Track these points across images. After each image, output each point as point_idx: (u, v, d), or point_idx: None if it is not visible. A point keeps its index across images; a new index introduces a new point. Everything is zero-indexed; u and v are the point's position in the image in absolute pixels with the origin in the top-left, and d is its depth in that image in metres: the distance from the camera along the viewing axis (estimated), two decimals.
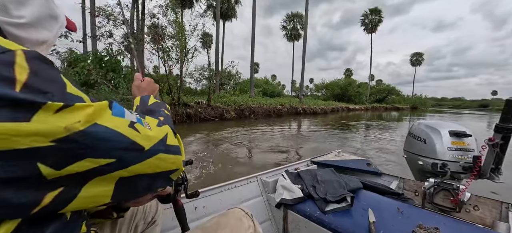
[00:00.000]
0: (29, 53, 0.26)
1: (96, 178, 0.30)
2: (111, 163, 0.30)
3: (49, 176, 0.26)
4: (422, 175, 1.63)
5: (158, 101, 0.58)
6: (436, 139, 1.55)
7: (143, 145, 0.34)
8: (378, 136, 7.65)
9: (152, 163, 0.36)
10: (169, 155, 0.38)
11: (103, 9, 8.56)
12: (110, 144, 0.30)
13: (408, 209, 1.10)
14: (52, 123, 0.25)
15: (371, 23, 37.39)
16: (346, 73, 74.62)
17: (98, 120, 0.29)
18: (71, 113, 0.27)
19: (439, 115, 25.45)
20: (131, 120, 0.34)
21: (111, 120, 0.31)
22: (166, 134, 0.40)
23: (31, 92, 0.24)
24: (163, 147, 0.38)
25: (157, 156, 0.36)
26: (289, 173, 1.44)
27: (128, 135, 0.32)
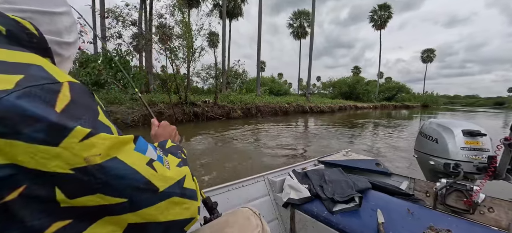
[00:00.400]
0: (74, 85, 0.29)
1: (105, 218, 0.29)
2: (122, 203, 0.29)
3: (62, 203, 0.26)
4: (434, 175, 1.59)
5: (175, 145, 0.57)
6: (449, 138, 1.51)
7: (158, 186, 0.33)
8: (387, 135, 7.50)
9: (164, 208, 0.34)
10: (184, 199, 0.37)
11: (113, 10, 8.75)
12: (124, 182, 0.29)
13: (419, 210, 1.08)
14: (76, 151, 0.26)
15: (380, 19, 36.54)
16: (354, 70, 73.37)
17: (119, 154, 0.30)
18: (94, 144, 0.27)
19: (451, 113, 24.67)
20: (151, 158, 0.34)
21: (131, 156, 0.31)
22: (185, 175, 0.39)
23: (65, 117, 0.26)
24: (178, 190, 0.36)
25: (170, 199, 0.35)
26: (296, 172, 1.44)
27: (144, 174, 0.31)
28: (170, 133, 0.68)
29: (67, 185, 0.26)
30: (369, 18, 37.65)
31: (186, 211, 0.37)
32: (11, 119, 0.23)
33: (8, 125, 0.23)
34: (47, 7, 0.39)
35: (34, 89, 0.25)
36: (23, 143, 0.23)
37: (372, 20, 37.37)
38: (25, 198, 0.24)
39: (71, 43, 0.45)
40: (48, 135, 0.24)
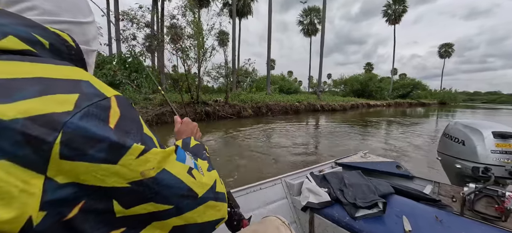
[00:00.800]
0: (119, 98, 0.31)
1: (153, 223, 0.32)
2: (169, 209, 0.32)
3: (118, 214, 0.28)
4: (460, 179, 1.51)
5: (198, 143, 0.60)
6: (477, 140, 1.43)
7: (197, 192, 0.36)
8: (403, 133, 7.24)
9: (202, 211, 0.37)
10: (217, 203, 0.40)
11: (127, 13, 9.00)
12: (172, 191, 0.32)
13: (447, 217, 1.02)
14: (133, 167, 0.27)
15: (394, 14, 35.25)
16: (366, 67, 71.37)
17: (166, 166, 0.32)
18: (148, 159, 0.29)
19: (471, 111, 23.45)
20: (189, 166, 0.37)
21: (175, 166, 0.34)
22: (215, 180, 0.41)
23: (120, 134, 0.27)
24: (212, 194, 0.39)
25: (207, 204, 0.38)
26: (314, 175, 1.41)
27: (186, 182, 0.34)
28: (192, 130, 0.69)
29: (124, 197, 0.28)
30: (383, 12, 36.43)
31: (218, 212, 0.40)
32: (76, 141, 0.24)
33: (73, 148, 0.24)
34: (79, 18, 0.40)
35: (91, 108, 0.26)
36: (86, 163, 0.24)
37: (386, 14, 36.13)
38: (85, 213, 0.25)
39: (95, 51, 0.47)
40: (108, 154, 0.26)
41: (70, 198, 0.24)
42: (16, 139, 0.21)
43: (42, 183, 0.22)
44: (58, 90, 0.25)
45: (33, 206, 0.22)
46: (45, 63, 0.28)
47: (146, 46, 10.94)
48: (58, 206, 0.24)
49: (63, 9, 0.37)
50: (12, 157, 0.21)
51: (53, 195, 0.23)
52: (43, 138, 0.22)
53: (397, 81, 45.03)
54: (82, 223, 0.25)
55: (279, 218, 0.63)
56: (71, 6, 0.39)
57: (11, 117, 0.21)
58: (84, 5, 0.43)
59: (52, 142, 0.22)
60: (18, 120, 0.22)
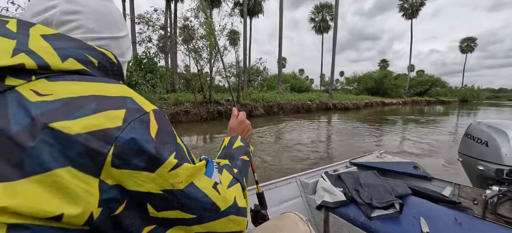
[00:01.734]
0: (156, 112, 0.35)
1: (178, 226, 0.36)
2: (192, 218, 0.36)
3: (151, 214, 0.33)
4: (483, 181, 1.46)
5: (242, 145, 0.62)
6: (502, 141, 1.37)
7: (220, 206, 0.39)
8: (420, 133, 6.98)
9: (223, 223, 0.40)
10: (238, 217, 0.43)
11: (143, 16, 9.32)
12: (196, 203, 0.36)
13: (468, 220, 1.00)
14: (166, 178, 0.32)
15: (411, 8, 33.77)
16: (381, 64, 69.05)
17: (194, 180, 0.36)
18: (179, 174, 0.33)
19: (495, 109, 22.05)
20: (215, 181, 0.40)
21: (202, 181, 0.37)
22: (235, 196, 0.44)
23: (159, 147, 0.32)
24: (235, 209, 0.42)
25: (228, 217, 0.41)
26: (329, 175, 1.42)
27: (211, 196, 0.38)
28: (243, 129, 0.72)
29: (156, 201, 0.33)
30: (399, 7, 35.01)
31: (238, 226, 0.43)
32: (124, 153, 0.29)
33: (122, 158, 0.29)
34: (115, 33, 0.44)
35: (135, 123, 0.31)
36: (130, 170, 0.30)
37: (402, 9, 34.70)
38: (127, 210, 0.31)
39: (128, 61, 0.52)
40: (148, 164, 0.30)
41: (117, 197, 0.30)
42: (80, 150, 0.26)
43: (98, 185, 0.28)
44: (109, 107, 0.30)
45: (94, 203, 0.27)
46: (97, 82, 0.33)
47: (160, 47, 11.28)
48: (110, 203, 0.29)
49: (103, 26, 0.42)
50: (76, 164, 0.26)
51: (106, 195, 0.29)
52: (100, 150, 0.27)
53: (414, 78, 43.17)
54: (125, 219, 0.31)
55: (297, 214, 0.66)
56: (110, 22, 0.43)
57: (76, 132, 0.26)
58: (120, 20, 0.46)
59: (106, 153, 0.28)
60: (81, 134, 0.27)
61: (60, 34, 0.34)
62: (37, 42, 0.30)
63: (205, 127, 8.28)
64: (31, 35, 0.31)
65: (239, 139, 0.65)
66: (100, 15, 0.41)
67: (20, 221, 0.23)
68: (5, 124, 0.25)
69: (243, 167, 0.56)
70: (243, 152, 0.60)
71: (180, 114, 8.95)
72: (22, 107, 0.26)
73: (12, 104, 0.26)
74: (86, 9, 0.39)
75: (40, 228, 0.24)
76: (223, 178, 0.45)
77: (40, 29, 0.33)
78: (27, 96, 0.27)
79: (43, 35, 0.32)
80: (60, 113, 0.27)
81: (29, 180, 0.24)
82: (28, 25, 0.32)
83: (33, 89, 0.28)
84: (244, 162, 0.57)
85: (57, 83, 0.30)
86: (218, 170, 0.45)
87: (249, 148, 0.65)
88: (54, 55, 0.31)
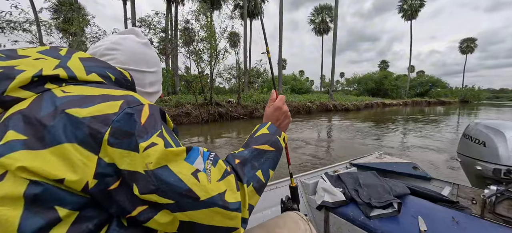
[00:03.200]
0: (151, 105, 0.41)
1: (164, 210, 0.37)
2: (170, 204, 0.37)
3: (138, 195, 0.36)
4: (481, 181, 1.47)
5: (265, 133, 0.57)
6: (499, 141, 1.39)
7: (199, 195, 0.37)
8: (420, 134, 6.98)
9: (207, 214, 0.39)
10: (226, 211, 0.40)
11: (144, 20, 9.39)
12: (170, 188, 0.36)
13: (465, 219, 1.02)
14: (142, 158, 0.35)
15: (410, 9, 33.86)
16: (381, 65, 69.04)
17: (169, 163, 0.37)
18: (150, 153, 0.36)
19: (496, 110, 22.01)
20: (196, 168, 0.39)
21: (179, 166, 0.38)
22: (225, 190, 0.41)
23: (144, 130, 0.37)
24: (220, 202, 0.39)
25: (212, 209, 0.39)
26: (329, 175, 1.44)
27: (187, 183, 0.37)
28: (278, 117, 0.65)
29: (139, 182, 0.35)
30: (398, 8, 35.12)
31: (230, 221, 0.41)
32: (118, 134, 0.35)
33: (115, 138, 0.34)
34: (141, 67, 0.58)
35: (129, 109, 0.37)
36: (121, 150, 0.34)
37: (401, 10, 34.82)
38: (120, 188, 0.35)
39: (151, 93, 0.62)
40: (134, 144, 0.35)
41: (111, 175, 0.34)
42: (84, 130, 0.33)
43: (96, 161, 0.33)
44: (112, 99, 0.38)
45: (90, 174, 0.33)
46: (107, 88, 0.42)
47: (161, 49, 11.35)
48: (105, 178, 0.34)
49: (132, 61, 0.56)
50: (80, 141, 0.33)
51: (101, 170, 0.33)
52: (99, 130, 0.34)
53: (414, 79, 43.20)
54: (118, 195, 0.35)
55: (298, 213, 0.67)
56: (139, 60, 0.57)
57: (83, 116, 0.34)
58: (151, 60, 0.61)
59: (104, 133, 0.34)
60: (87, 118, 0.34)
61: (92, 58, 0.47)
62: (74, 62, 0.43)
63: (206, 128, 8.30)
64: (72, 58, 0.44)
65: (266, 126, 0.59)
66: (132, 54, 0.56)
67: (37, 179, 0.30)
68: (38, 111, 0.34)
69: (253, 158, 0.50)
70: (265, 140, 0.54)
71: (181, 116, 8.98)
72: (51, 101, 0.36)
73: (46, 99, 0.36)
74: (123, 48, 0.55)
75: (50, 187, 0.31)
76: (215, 170, 0.42)
77: (80, 54, 0.46)
78: (57, 93, 0.37)
79: (80, 57, 0.45)
80: (75, 104, 0.35)
81: (47, 150, 0.32)
82: (73, 51, 0.46)
83: (63, 89, 0.39)
84: (259, 152, 0.52)
85: (80, 87, 0.40)
86: (212, 161, 0.43)
87: (278, 137, 0.58)
88: (82, 70, 0.43)
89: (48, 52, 0.44)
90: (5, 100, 0.36)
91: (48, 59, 0.42)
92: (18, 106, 0.36)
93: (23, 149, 0.31)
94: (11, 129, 0.32)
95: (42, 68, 0.39)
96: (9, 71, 0.37)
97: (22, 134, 0.32)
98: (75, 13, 9.76)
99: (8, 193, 0.29)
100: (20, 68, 0.38)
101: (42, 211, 0.30)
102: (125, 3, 16.66)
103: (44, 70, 0.39)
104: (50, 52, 0.44)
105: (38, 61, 0.41)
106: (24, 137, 0.32)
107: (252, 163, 0.49)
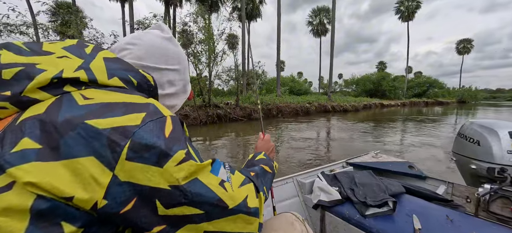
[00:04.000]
0: (173, 117, 0.39)
1: (187, 226, 0.37)
2: (200, 214, 0.37)
3: (160, 212, 0.34)
4: (475, 180, 1.49)
5: (264, 158, 0.65)
6: (493, 141, 1.41)
7: (228, 203, 0.40)
8: (417, 133, 7.01)
9: (232, 221, 0.41)
10: (248, 217, 0.42)
11: (142, 22, 9.40)
12: (202, 199, 0.37)
13: (459, 217, 1.03)
14: (172, 172, 0.34)
15: (407, 10, 34.16)
16: (379, 66, 69.42)
17: (199, 176, 0.37)
18: (182, 168, 0.35)
19: (493, 109, 22.17)
20: (222, 179, 0.41)
21: (208, 177, 0.39)
22: (247, 195, 0.44)
23: (170, 143, 0.35)
24: (245, 208, 0.42)
25: (238, 215, 0.41)
26: (325, 174, 1.45)
27: (217, 193, 0.38)
28: (268, 148, 0.77)
29: (164, 198, 0.34)
30: (395, 9, 35.43)
31: (250, 225, 0.43)
32: (139, 147, 0.32)
33: (135, 151, 0.32)
34: (160, 65, 0.53)
35: (152, 123, 0.35)
36: (141, 164, 0.32)
37: (398, 11, 35.12)
38: (136, 208, 0.33)
39: (170, 94, 0.56)
40: (158, 158, 0.33)
41: (125, 194, 0.32)
42: (103, 142, 0.31)
43: (110, 178, 0.31)
44: (133, 111, 0.35)
45: (100, 194, 0.31)
46: (129, 94, 0.40)
47: None
48: (116, 198, 0.32)
49: (149, 56, 0.51)
50: (98, 155, 0.31)
51: (114, 190, 0.31)
52: (118, 142, 0.31)
53: (412, 80, 43.49)
54: (134, 216, 0.33)
55: (294, 214, 0.66)
56: (159, 55, 0.52)
57: (103, 127, 0.32)
58: (173, 55, 0.55)
59: (123, 145, 0.31)
60: (106, 129, 0.32)
61: (116, 58, 0.45)
62: (97, 63, 0.41)
63: (204, 130, 8.29)
64: (96, 57, 0.42)
65: (262, 154, 0.68)
66: (152, 49, 0.52)
67: (45, 194, 0.29)
68: (56, 117, 0.32)
69: (262, 174, 0.56)
70: (265, 163, 0.62)
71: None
72: (70, 107, 0.34)
73: (65, 104, 0.34)
74: (141, 42, 0.51)
75: (58, 203, 0.29)
76: (235, 177, 0.45)
77: (105, 53, 0.44)
78: (77, 99, 0.35)
79: (105, 57, 0.43)
80: (95, 114, 0.33)
81: (60, 163, 0.30)
82: (99, 50, 0.44)
83: (83, 94, 0.36)
84: (265, 171, 0.58)
85: (101, 92, 0.38)
86: (229, 170, 0.46)
87: (273, 163, 0.66)
88: (104, 73, 0.40)
89: (73, 49, 0.42)
90: (22, 100, 0.35)
91: (72, 58, 0.40)
92: (35, 109, 0.34)
93: (36, 161, 0.29)
94: (27, 136, 0.31)
95: (63, 68, 0.37)
96: (30, 69, 0.35)
97: (37, 143, 0.30)
98: (73, 16, 9.76)
99: (15, 205, 0.28)
100: (41, 67, 0.36)
101: (48, 227, 0.29)
102: (123, 6, 16.67)
103: (65, 71, 0.37)
104: (75, 49, 0.42)
105: (61, 60, 0.39)
106: (38, 146, 0.30)
107: (261, 178, 0.54)
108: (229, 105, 11.02)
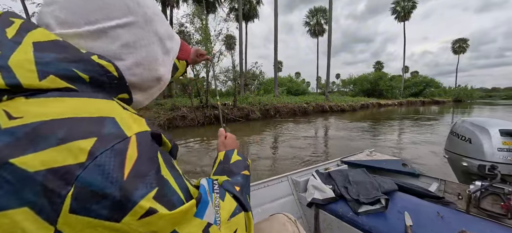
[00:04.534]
0: (140, 136, 0.29)
1: None
2: None
3: None
4: (467, 177, 1.51)
5: (240, 159, 0.57)
6: (484, 138, 1.43)
7: None
8: (413, 132, 7.08)
9: None
10: None
11: None
12: None
13: (450, 214, 1.05)
14: (134, 227, 0.25)
15: (403, 10, 34.46)
16: (376, 66, 69.97)
17: (177, 226, 0.29)
18: (150, 222, 0.26)
19: (489, 108, 22.44)
20: (207, 222, 0.33)
21: (189, 226, 0.30)
22: (236, 229, 0.38)
23: (129, 188, 0.25)
24: None
25: None
26: (319, 173, 1.47)
27: None
28: (236, 145, 0.66)
29: None
30: (391, 9, 35.73)
31: None
32: (84, 196, 0.24)
33: (81, 202, 0.23)
34: (102, 23, 0.34)
35: (104, 156, 0.25)
36: (90, 218, 0.24)
37: (394, 11, 35.42)
38: None
39: (138, 65, 0.38)
40: (112, 211, 0.24)
41: None
42: (37, 190, 0.23)
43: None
44: (78, 135, 0.25)
45: None
46: (80, 99, 0.29)
47: None
48: None
49: (78, 16, 0.33)
50: (32, 205, 0.23)
51: None
52: (57, 191, 0.23)
53: (408, 79, 43.87)
54: None
55: (286, 215, 0.65)
56: (91, 10, 0.33)
57: (35, 169, 0.23)
58: (118, 3, 0.35)
59: (64, 195, 0.23)
60: (40, 172, 0.23)
61: (54, 42, 0.30)
62: (21, 55, 0.27)
63: (202, 131, 8.28)
64: (23, 43, 0.28)
65: (235, 152, 0.59)
66: (78, 1, 0.33)
67: None
68: None
69: (245, 183, 0.51)
70: (243, 166, 0.55)
71: (177, 119, 8.95)
72: None
73: None
74: None
75: None
76: (225, 205, 0.39)
77: (37, 34, 0.29)
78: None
79: (36, 42, 0.28)
80: (23, 145, 0.23)
81: None
82: (28, 28, 0.29)
83: (6, 109, 0.25)
84: (247, 178, 0.53)
85: (34, 101, 0.26)
86: (219, 195, 0.40)
87: (247, 162, 0.59)
88: (32, 72, 0.27)
89: None
90: None
91: None
92: None
93: None
94: None
95: None
96: None
97: None
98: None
99: None
100: None
101: None
102: None
103: None
104: None
105: None
106: None
107: (245, 190, 0.49)
108: (226, 106, 11.01)
